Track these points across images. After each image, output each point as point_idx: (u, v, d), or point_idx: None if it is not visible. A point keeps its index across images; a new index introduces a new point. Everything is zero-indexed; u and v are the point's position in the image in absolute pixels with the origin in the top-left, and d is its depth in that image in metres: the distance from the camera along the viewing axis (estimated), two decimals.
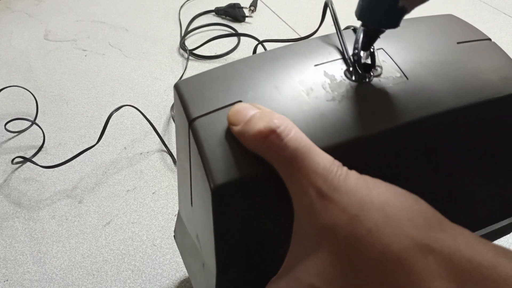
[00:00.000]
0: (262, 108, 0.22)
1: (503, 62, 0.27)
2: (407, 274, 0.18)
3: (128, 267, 0.46)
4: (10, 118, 0.64)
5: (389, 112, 0.23)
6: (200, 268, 0.30)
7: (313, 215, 0.20)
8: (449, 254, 0.18)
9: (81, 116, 0.65)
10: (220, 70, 0.25)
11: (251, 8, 0.88)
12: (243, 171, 0.21)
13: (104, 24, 0.87)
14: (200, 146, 0.22)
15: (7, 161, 0.58)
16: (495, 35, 0.82)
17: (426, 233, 0.19)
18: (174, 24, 0.86)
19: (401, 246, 0.18)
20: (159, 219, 0.51)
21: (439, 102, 0.24)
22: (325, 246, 0.19)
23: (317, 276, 0.19)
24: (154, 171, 0.57)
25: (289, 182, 0.20)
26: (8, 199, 0.54)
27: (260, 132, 0.20)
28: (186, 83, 0.25)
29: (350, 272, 0.19)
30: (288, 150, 0.20)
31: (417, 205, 0.20)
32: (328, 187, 0.19)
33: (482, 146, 0.27)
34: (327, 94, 0.24)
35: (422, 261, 0.18)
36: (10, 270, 0.46)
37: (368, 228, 0.19)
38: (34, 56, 0.78)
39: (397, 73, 0.25)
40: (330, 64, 0.26)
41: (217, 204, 0.22)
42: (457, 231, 0.19)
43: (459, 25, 0.29)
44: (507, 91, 0.25)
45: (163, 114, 0.65)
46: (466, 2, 0.93)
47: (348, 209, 0.19)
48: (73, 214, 0.52)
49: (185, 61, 0.76)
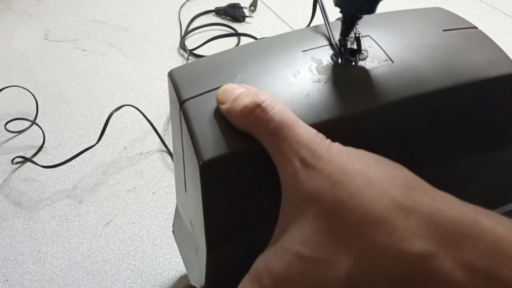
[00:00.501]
0: (249, 87, 0.23)
1: (489, 47, 0.27)
2: (389, 235, 0.18)
3: (128, 267, 0.46)
4: (10, 118, 0.64)
5: (374, 92, 0.24)
6: (194, 254, 0.30)
7: (297, 184, 0.20)
8: (430, 214, 0.18)
9: (81, 116, 0.65)
10: (212, 58, 0.26)
11: (251, 8, 0.88)
12: (231, 147, 0.22)
13: (104, 24, 0.87)
14: (189, 125, 0.23)
15: (7, 161, 0.58)
16: (495, 35, 0.82)
17: (407, 194, 0.19)
18: (174, 24, 0.86)
19: (383, 207, 0.18)
20: (159, 219, 0.51)
21: (423, 82, 0.24)
22: (310, 213, 0.20)
23: (303, 244, 0.20)
24: (154, 171, 0.57)
25: (274, 153, 0.21)
26: (8, 199, 0.54)
27: (246, 107, 0.21)
28: (179, 70, 0.26)
29: (335, 237, 0.19)
30: (273, 123, 0.21)
31: (398, 170, 0.20)
32: (311, 156, 0.20)
33: (470, 128, 0.27)
34: (313, 76, 0.25)
35: (403, 221, 0.18)
36: (10, 270, 0.46)
37: (351, 192, 0.19)
38: (34, 56, 0.78)
39: (382, 57, 0.26)
40: (317, 50, 0.26)
41: (205, 180, 0.22)
42: (438, 193, 0.20)
43: (446, 15, 0.30)
44: (493, 74, 0.25)
45: (163, 114, 0.65)
46: (466, 2, 0.93)
47: (331, 175, 0.19)
48: (73, 214, 0.52)
49: (185, 61, 0.76)
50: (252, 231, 0.26)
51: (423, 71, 0.25)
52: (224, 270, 0.28)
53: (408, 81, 0.24)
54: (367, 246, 0.18)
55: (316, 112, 0.23)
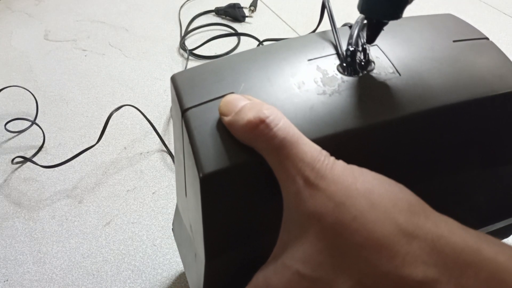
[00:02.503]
0: (253, 99, 0.23)
1: (499, 60, 0.26)
2: (391, 259, 0.18)
3: (128, 267, 0.46)
4: (10, 118, 0.64)
5: (379, 107, 0.24)
6: (193, 258, 0.30)
7: (300, 202, 0.20)
8: (433, 240, 0.18)
9: (81, 116, 0.65)
10: (215, 63, 0.26)
11: (251, 8, 0.88)
12: (232, 160, 0.22)
13: (104, 24, 0.87)
14: (191, 135, 0.23)
15: (7, 161, 0.58)
16: (495, 35, 0.82)
17: (410, 219, 0.19)
18: (174, 24, 0.86)
19: (386, 231, 0.18)
20: (159, 219, 0.51)
21: (430, 98, 0.24)
22: (311, 233, 0.20)
23: (303, 263, 0.20)
24: (154, 171, 0.57)
25: (278, 170, 0.21)
26: (8, 199, 0.54)
27: (249, 122, 0.21)
28: (182, 75, 0.25)
29: (335, 258, 0.19)
30: (277, 139, 0.20)
31: (402, 193, 0.20)
32: (315, 175, 0.20)
33: (476, 144, 0.27)
34: (318, 88, 0.24)
35: (405, 247, 0.18)
36: (10, 270, 0.46)
37: (354, 215, 0.19)
38: (34, 56, 0.78)
39: (389, 69, 0.25)
40: (323, 59, 0.26)
41: (205, 192, 0.22)
42: (441, 218, 0.19)
43: (457, 24, 0.29)
44: (501, 90, 0.25)
45: (163, 114, 0.65)
46: (466, 2, 0.93)
47: (334, 196, 0.19)
48: (73, 214, 0.52)
49: (185, 61, 0.76)
50: (252, 241, 0.26)
51: (430, 85, 0.25)
52: (222, 278, 0.28)
53: (415, 97, 0.24)
54: (368, 270, 0.18)
55: (320, 126, 0.23)
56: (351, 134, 0.23)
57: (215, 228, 0.24)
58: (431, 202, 0.21)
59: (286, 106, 0.23)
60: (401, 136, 0.24)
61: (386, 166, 0.21)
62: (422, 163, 0.26)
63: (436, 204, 0.21)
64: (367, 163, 0.21)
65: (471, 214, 0.29)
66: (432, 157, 0.26)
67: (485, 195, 0.30)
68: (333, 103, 0.24)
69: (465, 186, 0.28)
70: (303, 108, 0.23)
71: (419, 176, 0.26)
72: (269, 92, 0.24)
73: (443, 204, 0.21)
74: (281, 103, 0.23)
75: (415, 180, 0.24)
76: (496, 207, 0.31)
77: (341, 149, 0.22)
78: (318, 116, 0.23)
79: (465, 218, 0.24)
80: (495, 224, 0.32)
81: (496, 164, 0.28)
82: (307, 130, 0.22)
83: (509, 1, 0.93)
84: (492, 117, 0.26)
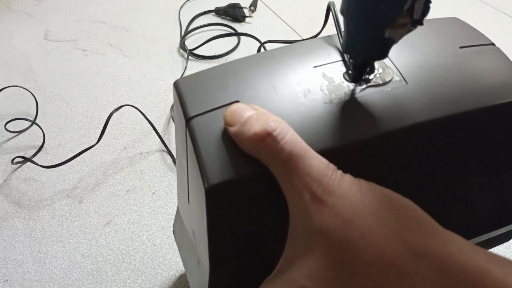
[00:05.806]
0: (259, 109, 0.22)
1: (505, 67, 0.26)
2: (399, 279, 0.18)
3: (128, 267, 0.46)
4: (10, 118, 0.64)
5: (387, 117, 0.23)
6: (196, 264, 0.30)
7: (307, 218, 0.20)
8: (441, 260, 0.18)
9: (81, 116, 0.65)
10: (219, 68, 0.25)
11: (251, 8, 0.88)
12: (237, 172, 0.21)
13: (104, 24, 0.87)
14: (196, 145, 0.22)
15: (7, 161, 0.58)
16: (495, 35, 0.82)
17: (419, 239, 0.19)
18: (174, 24, 0.86)
19: (394, 251, 0.18)
20: (159, 219, 0.51)
21: (437, 107, 0.24)
22: (318, 249, 0.19)
23: (310, 279, 0.19)
24: (154, 171, 0.57)
25: (284, 184, 0.21)
26: (8, 199, 0.54)
27: (256, 135, 0.20)
28: (185, 81, 0.25)
29: (342, 276, 0.19)
30: (284, 153, 0.20)
31: (411, 211, 0.20)
32: (322, 191, 0.20)
33: (481, 152, 0.27)
34: (325, 97, 0.24)
35: (414, 267, 0.18)
36: (10, 270, 0.46)
37: (362, 233, 0.19)
38: (34, 56, 0.78)
39: (396, 77, 0.25)
40: (329, 66, 0.25)
41: (211, 203, 0.22)
42: (450, 237, 0.19)
43: (463, 29, 0.29)
44: (507, 98, 0.25)
45: (163, 114, 0.65)
46: (467, 2, 0.93)
47: (342, 213, 0.19)
48: (73, 214, 0.52)
49: (185, 61, 0.76)
50: (256, 251, 0.25)
51: (437, 94, 0.24)
52: (226, 285, 0.27)
53: (422, 106, 0.24)
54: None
55: (326, 137, 0.22)
56: (358, 145, 0.23)
57: (220, 239, 0.24)
58: (434, 209, 0.20)
59: (292, 116, 0.23)
60: (406, 145, 0.24)
61: (391, 174, 0.21)
62: (427, 171, 0.26)
63: (439, 210, 0.21)
64: (373, 173, 0.21)
65: (474, 220, 0.29)
66: (438, 165, 0.26)
67: (489, 202, 0.30)
68: (339, 112, 0.23)
69: (468, 192, 0.28)
70: (309, 118, 0.23)
71: (423, 183, 0.26)
72: (274, 101, 0.23)
73: (446, 211, 0.21)
74: (287, 113, 0.23)
75: (419, 187, 0.24)
76: (499, 214, 0.31)
77: (348, 160, 0.21)
78: (325, 126, 0.23)
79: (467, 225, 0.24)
80: (497, 230, 0.32)
81: (502, 171, 0.28)
82: (314, 140, 0.22)
83: (509, 1, 0.93)
84: (498, 125, 0.26)
